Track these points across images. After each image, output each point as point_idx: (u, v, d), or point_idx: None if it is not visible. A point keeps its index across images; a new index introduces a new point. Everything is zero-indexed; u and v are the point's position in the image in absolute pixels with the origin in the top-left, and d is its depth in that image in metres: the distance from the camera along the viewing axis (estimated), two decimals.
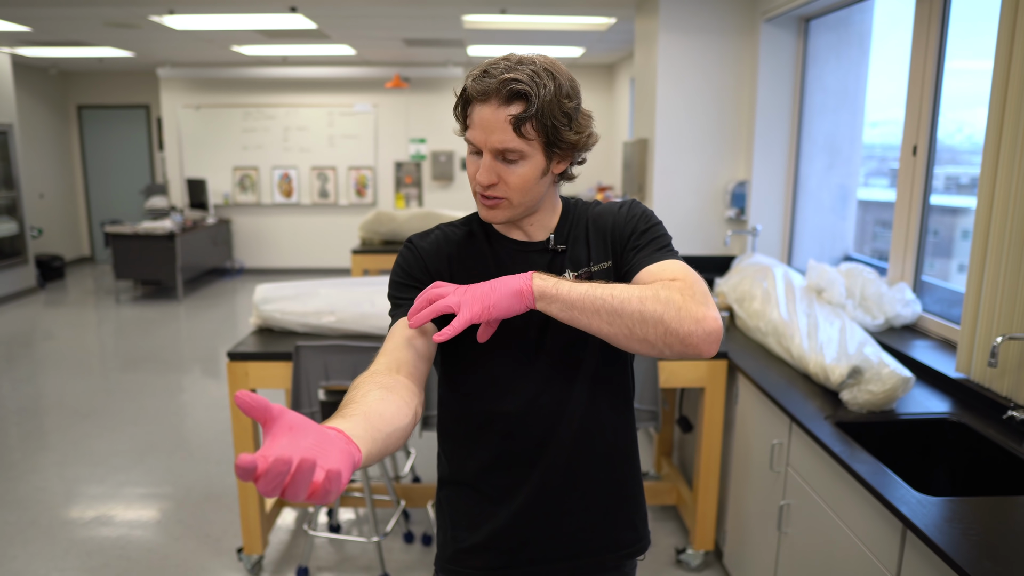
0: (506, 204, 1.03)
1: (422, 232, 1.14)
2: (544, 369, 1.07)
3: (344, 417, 0.79)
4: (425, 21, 5.22)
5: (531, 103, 0.95)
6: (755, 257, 2.92)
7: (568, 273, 1.08)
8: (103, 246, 8.19)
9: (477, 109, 0.98)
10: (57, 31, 5.61)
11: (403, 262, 1.11)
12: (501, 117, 0.96)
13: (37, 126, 8.11)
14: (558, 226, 1.10)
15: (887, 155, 3.58)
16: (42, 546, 2.67)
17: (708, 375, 2.33)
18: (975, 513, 1.33)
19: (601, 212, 1.13)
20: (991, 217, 1.81)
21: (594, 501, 1.13)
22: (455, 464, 1.15)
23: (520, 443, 1.09)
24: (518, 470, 1.10)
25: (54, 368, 4.83)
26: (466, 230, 1.13)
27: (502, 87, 0.95)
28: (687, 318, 0.91)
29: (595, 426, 1.11)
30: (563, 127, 0.98)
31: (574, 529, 1.12)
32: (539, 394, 1.08)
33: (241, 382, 2.31)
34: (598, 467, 1.12)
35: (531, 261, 1.09)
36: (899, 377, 1.80)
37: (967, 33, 2.30)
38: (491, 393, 1.09)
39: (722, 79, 3.51)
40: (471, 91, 0.98)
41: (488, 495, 1.12)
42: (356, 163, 8.12)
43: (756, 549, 2.16)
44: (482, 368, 1.09)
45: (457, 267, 1.09)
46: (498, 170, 0.99)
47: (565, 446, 1.09)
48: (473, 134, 0.99)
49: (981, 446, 1.70)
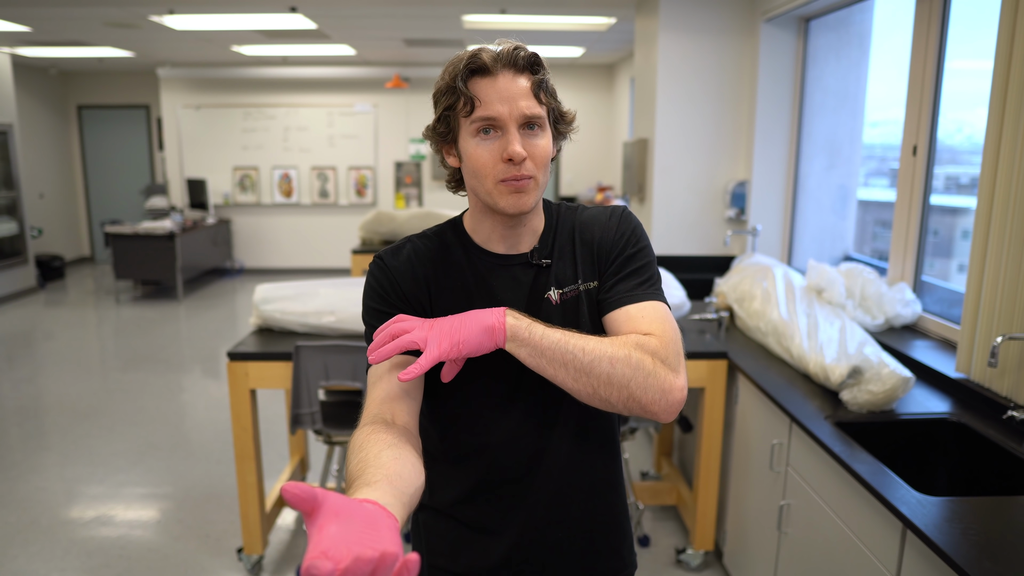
0: (534, 184, 0.94)
1: (392, 248, 1.04)
2: (526, 400, 1.01)
3: (370, 485, 0.75)
4: (425, 21, 5.22)
5: (541, 69, 0.94)
6: (755, 257, 2.92)
7: (553, 291, 1.01)
8: (103, 246, 8.19)
9: (487, 83, 0.91)
10: (57, 31, 5.60)
11: (376, 284, 1.01)
12: (521, 84, 0.91)
13: (37, 126, 8.10)
14: (543, 236, 1.03)
15: (887, 155, 3.57)
16: (42, 546, 2.66)
17: (708, 375, 2.33)
18: (975, 513, 1.33)
19: (588, 220, 1.05)
20: (991, 217, 1.80)
21: (578, 533, 1.07)
22: (436, 491, 1.08)
23: (502, 474, 1.03)
24: (500, 502, 1.04)
25: (54, 368, 4.82)
26: (438, 242, 1.03)
27: (515, 55, 0.91)
28: (654, 387, 0.89)
29: (579, 458, 1.05)
30: (558, 100, 0.98)
31: (557, 560, 1.07)
32: (521, 425, 1.02)
33: (241, 382, 2.30)
34: (582, 499, 1.07)
35: (515, 277, 1.01)
36: (899, 377, 1.80)
37: (967, 33, 2.30)
38: (472, 424, 1.03)
39: (722, 79, 3.51)
40: (484, 61, 0.90)
41: (469, 525, 1.06)
42: (356, 163, 8.11)
43: (756, 549, 2.16)
44: (462, 398, 1.02)
45: (435, 288, 1.01)
46: (523, 143, 0.92)
47: (549, 478, 1.03)
48: (491, 108, 0.90)
49: (981, 446, 1.70)
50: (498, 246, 1.02)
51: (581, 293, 1.02)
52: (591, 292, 1.02)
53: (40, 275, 7.38)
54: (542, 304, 1.01)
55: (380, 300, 1.00)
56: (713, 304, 2.75)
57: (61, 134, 8.57)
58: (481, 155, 0.92)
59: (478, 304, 0.98)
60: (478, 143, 0.93)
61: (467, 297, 1.00)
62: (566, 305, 1.01)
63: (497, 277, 1.01)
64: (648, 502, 2.81)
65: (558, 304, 1.01)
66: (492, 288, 1.00)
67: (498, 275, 1.01)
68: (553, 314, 1.01)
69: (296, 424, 2.24)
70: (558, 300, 1.01)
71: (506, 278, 1.01)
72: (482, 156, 0.92)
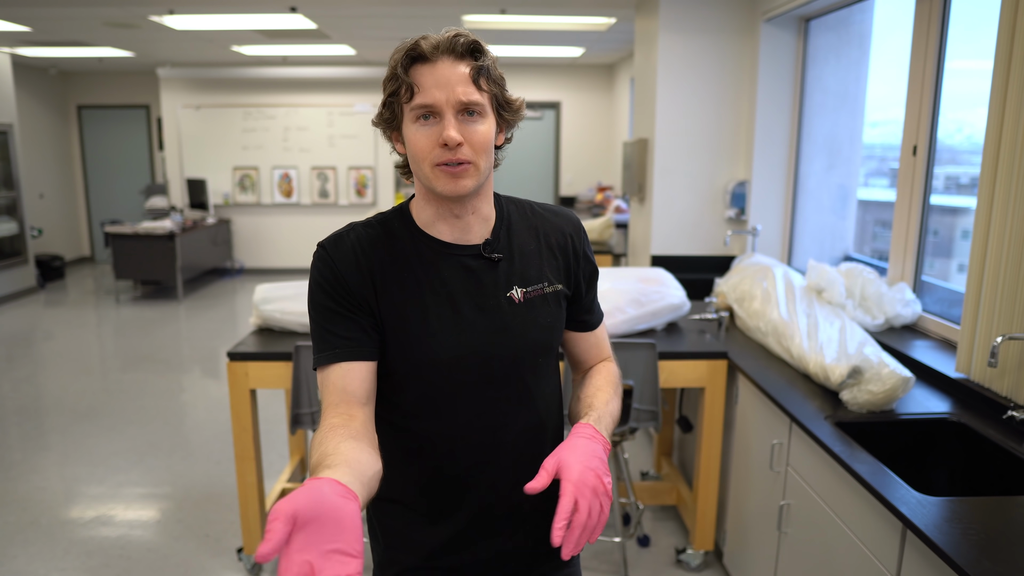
0: (472, 169, 0.95)
1: (333, 236, 1.01)
2: (485, 391, 1.02)
3: (330, 468, 0.81)
4: (425, 21, 5.22)
5: (483, 55, 0.95)
6: (755, 257, 2.91)
7: (516, 289, 1.02)
8: (103, 246, 8.16)
9: (427, 70, 0.93)
10: (57, 31, 5.59)
11: (321, 278, 0.98)
12: (460, 70, 0.93)
13: (37, 126, 8.09)
14: (495, 228, 1.04)
15: (887, 155, 3.55)
16: (42, 546, 2.66)
17: (708, 375, 2.33)
18: (975, 513, 1.33)
19: (553, 226, 1.08)
20: (991, 217, 1.80)
21: (535, 524, 1.08)
22: (388, 481, 1.02)
23: (458, 465, 1.03)
24: (455, 492, 1.04)
25: (54, 368, 4.82)
26: (383, 231, 1.02)
27: (454, 41, 0.93)
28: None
29: (536, 448, 1.06)
30: (504, 87, 0.99)
31: (513, 548, 1.08)
32: (479, 415, 1.02)
33: (241, 382, 2.30)
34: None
35: (465, 267, 1.01)
36: (899, 377, 1.80)
37: (967, 33, 2.29)
38: (428, 413, 1.02)
39: (722, 79, 3.50)
40: (424, 49, 0.92)
41: (423, 515, 1.06)
42: (356, 163, 8.10)
43: (756, 549, 2.16)
44: (418, 389, 1.02)
45: (380, 281, 0.98)
46: (460, 130, 0.93)
47: (505, 468, 1.04)
48: (428, 95, 0.92)
49: (981, 446, 1.69)
50: (445, 233, 1.02)
51: (547, 294, 1.05)
52: (557, 294, 1.06)
53: (40, 275, 7.37)
54: (501, 300, 1.02)
55: (328, 297, 0.98)
56: (713, 304, 2.75)
57: (61, 134, 8.56)
58: (419, 140, 0.94)
59: (429, 297, 0.99)
60: (417, 128, 0.94)
61: (417, 289, 1.00)
62: (527, 304, 1.03)
63: (447, 267, 1.01)
64: (648, 502, 2.81)
65: (520, 303, 1.03)
66: (443, 278, 1.00)
67: (447, 264, 1.01)
68: (511, 312, 1.02)
69: (296, 424, 2.24)
70: (521, 299, 1.03)
71: (456, 267, 1.01)
72: (420, 141, 0.94)
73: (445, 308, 1.00)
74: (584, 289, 1.12)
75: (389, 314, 0.99)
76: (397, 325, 0.99)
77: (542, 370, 1.07)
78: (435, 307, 1.00)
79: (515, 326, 1.02)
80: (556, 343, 1.10)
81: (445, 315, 1.00)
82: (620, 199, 6.18)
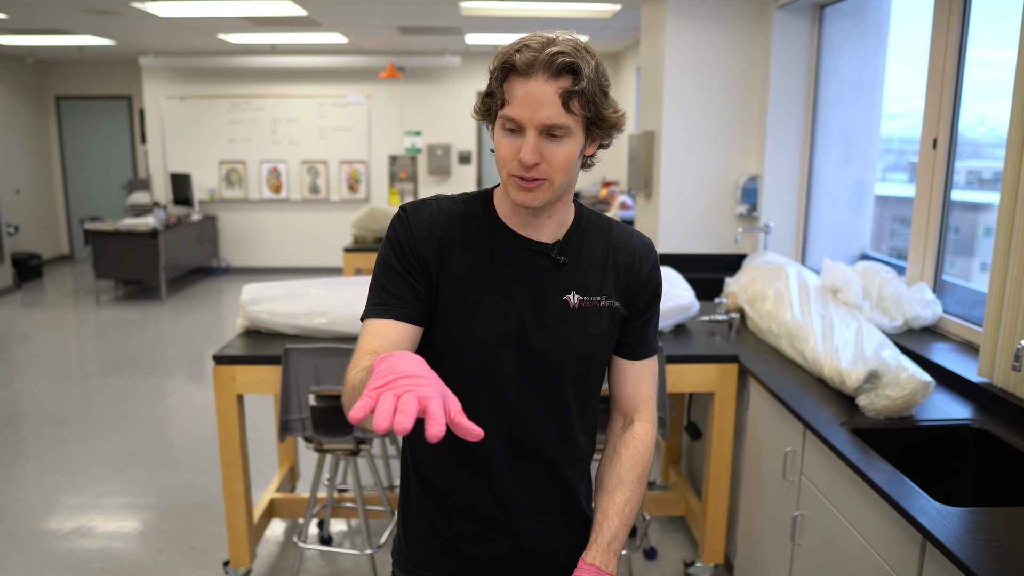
0: (547, 186, 1.00)
1: (417, 201, 1.08)
2: (521, 382, 1.07)
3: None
4: (420, 8, 5.19)
5: (579, 77, 0.96)
6: (767, 255, 2.90)
7: (573, 295, 1.07)
8: (83, 244, 8.20)
9: (520, 83, 0.96)
10: (34, 18, 5.54)
11: (394, 236, 1.06)
12: (550, 91, 0.95)
13: (13, 118, 8.04)
14: (569, 231, 1.10)
15: (906, 148, 3.63)
16: (19, 559, 2.63)
17: (718, 380, 2.32)
18: (998, 524, 1.32)
19: (625, 243, 1.13)
20: (1015, 213, 1.79)
21: (557, 524, 1.15)
22: (424, 466, 1.14)
23: (493, 453, 1.09)
24: (487, 479, 1.10)
25: (31, 372, 4.79)
26: (464, 209, 1.09)
27: (552, 60, 0.94)
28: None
29: (563, 455, 1.12)
30: (603, 105, 1.00)
31: (533, 540, 1.14)
32: (511, 407, 1.08)
33: (228, 387, 2.28)
34: (565, 492, 1.15)
35: (529, 261, 1.07)
36: (918, 381, 1.79)
37: (990, 20, 2.27)
38: (460, 394, 1.04)
39: (732, 69, 3.50)
40: (518, 63, 0.95)
41: (455, 502, 1.12)
42: (348, 157, 8.09)
43: (768, 562, 2.14)
44: (455, 368, 1.06)
45: (447, 252, 1.06)
46: (541, 148, 0.98)
47: (524, 474, 1.10)
48: (515, 110, 0.97)
49: (1005, 454, 1.69)
50: (520, 226, 1.08)
51: (602, 308, 1.09)
52: (613, 311, 1.10)
53: (16, 274, 7.35)
54: (557, 301, 1.07)
55: (394, 255, 1.05)
56: (723, 305, 2.73)
57: (38, 126, 8.52)
58: (502, 148, 1.01)
59: (487, 282, 1.06)
60: (503, 136, 1.00)
61: (479, 271, 1.06)
62: (581, 311, 1.08)
63: (513, 257, 1.07)
64: (655, 512, 2.79)
65: (575, 308, 1.07)
66: (507, 267, 1.06)
67: (515, 255, 1.07)
68: (563, 315, 1.07)
69: (285, 431, 2.23)
70: (576, 304, 1.07)
71: (522, 260, 1.07)
72: (503, 149, 1.01)
73: (501, 296, 1.05)
74: (639, 313, 1.15)
75: (445, 286, 1.05)
76: (450, 300, 1.05)
77: (581, 385, 1.10)
78: (491, 292, 1.05)
79: (563, 329, 1.07)
80: (601, 361, 1.13)
81: (499, 302, 1.05)
82: (625, 195, 6.14)
